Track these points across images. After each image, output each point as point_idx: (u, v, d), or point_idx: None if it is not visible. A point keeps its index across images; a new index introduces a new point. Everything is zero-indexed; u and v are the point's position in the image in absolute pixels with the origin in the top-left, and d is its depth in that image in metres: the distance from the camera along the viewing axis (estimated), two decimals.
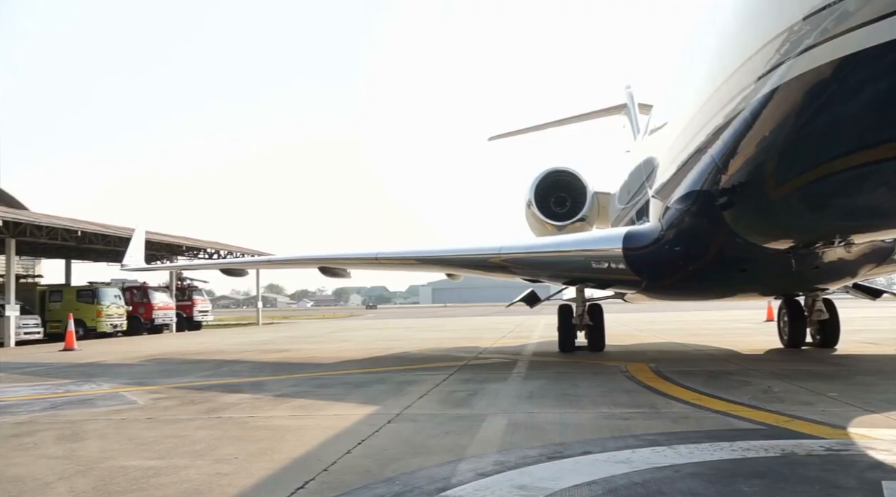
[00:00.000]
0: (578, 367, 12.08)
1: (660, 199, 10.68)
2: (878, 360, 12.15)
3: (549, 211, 19.53)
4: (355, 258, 16.47)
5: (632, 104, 22.43)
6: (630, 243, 11.48)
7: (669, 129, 10.39)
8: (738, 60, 6.20)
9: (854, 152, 5.33)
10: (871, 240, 9.47)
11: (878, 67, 4.25)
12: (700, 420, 6.63)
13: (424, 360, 14.73)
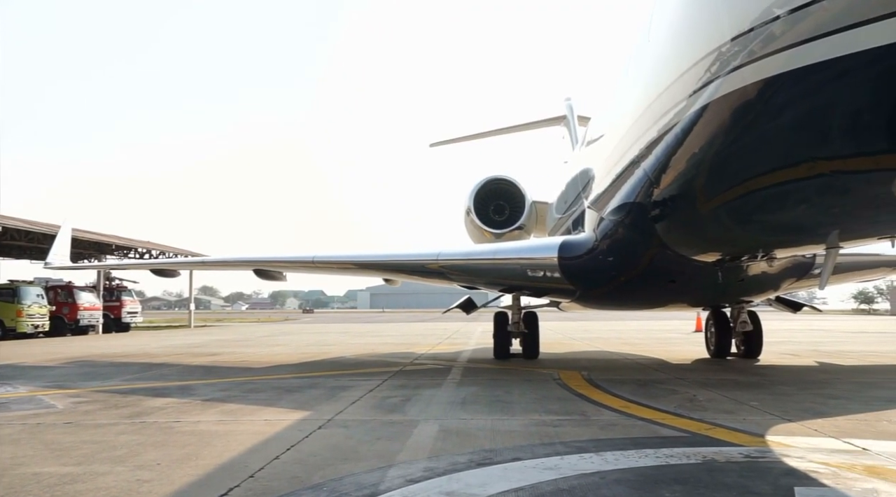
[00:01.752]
0: (512, 374, 12.19)
1: (595, 209, 10.89)
2: (797, 371, 12.65)
3: (488, 218, 19.69)
4: (291, 261, 16.23)
5: (571, 116, 22.85)
6: (565, 252, 11.67)
7: (605, 141, 10.61)
8: (670, 77, 6.38)
9: (776, 170, 5.55)
10: (793, 254, 9.86)
11: (799, 90, 4.43)
12: (627, 427, 6.76)
13: (359, 365, 14.62)
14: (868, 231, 6.86)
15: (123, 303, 39.06)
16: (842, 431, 6.40)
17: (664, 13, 6.92)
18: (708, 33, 5.35)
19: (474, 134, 27.39)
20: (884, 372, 12.33)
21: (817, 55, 4.01)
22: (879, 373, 12.18)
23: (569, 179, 14.67)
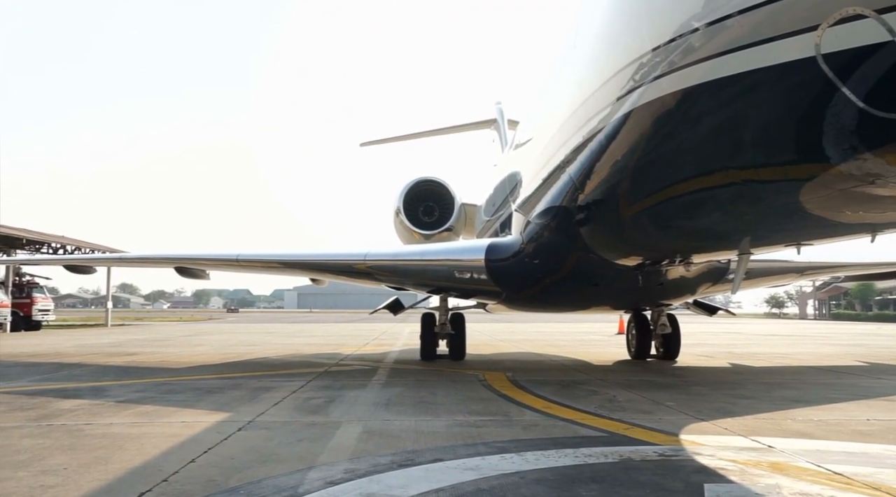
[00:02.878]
0: (438, 375, 12.21)
1: (522, 213, 11.04)
2: (711, 372, 13.13)
3: (417, 220, 19.71)
4: (214, 259, 15.83)
5: (501, 119, 23.12)
6: (492, 255, 11.78)
7: (532, 145, 10.78)
8: (594, 84, 6.53)
9: (693, 178, 5.74)
10: (708, 260, 10.24)
11: (713, 101, 4.60)
12: (548, 428, 6.87)
13: (283, 366, 14.37)
14: (777, 238, 7.18)
15: (34, 300, 37.22)
16: (750, 430, 6.67)
17: (590, 20, 7.07)
18: (631, 42, 5.50)
19: (405, 135, 27.38)
20: (791, 373, 12.94)
21: (730, 68, 4.17)
22: (787, 374, 12.77)
23: (497, 182, 14.84)
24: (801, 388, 10.40)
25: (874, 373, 13.02)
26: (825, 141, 4.02)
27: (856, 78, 3.33)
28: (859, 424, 7.13)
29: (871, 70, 3.24)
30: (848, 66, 3.31)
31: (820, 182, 4.43)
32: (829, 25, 3.17)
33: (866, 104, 3.33)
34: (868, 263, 15.70)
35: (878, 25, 2.94)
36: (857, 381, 11.63)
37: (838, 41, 3.22)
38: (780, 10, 3.58)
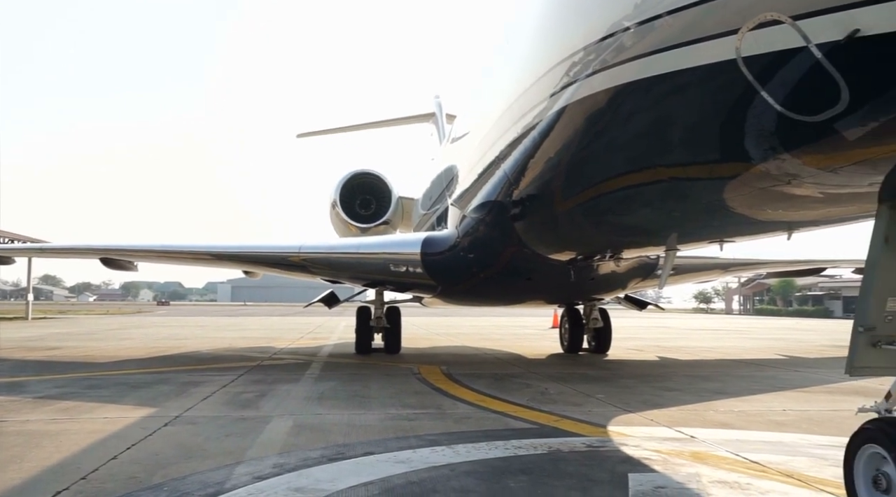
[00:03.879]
0: (373, 368, 12.17)
1: (458, 207, 11.08)
2: (640, 365, 13.49)
3: (354, 212, 19.57)
4: (142, 250, 15.35)
5: (440, 113, 23.15)
6: (428, 248, 11.79)
7: (469, 140, 10.83)
8: (528, 80, 6.60)
9: (623, 175, 5.86)
10: (638, 255, 10.49)
11: (643, 99, 4.70)
12: (480, 420, 6.94)
13: (214, 360, 14.07)
14: (702, 235, 7.41)
15: None
16: (674, 421, 6.88)
17: (525, 15, 7.13)
18: (564, 39, 5.57)
19: (343, 127, 27.10)
20: (715, 366, 13.39)
21: (659, 68, 4.27)
22: (711, 367, 13.22)
23: (434, 176, 14.85)
24: (724, 381, 10.78)
25: (792, 366, 13.60)
26: (747, 141, 4.17)
27: (773, 81, 3.45)
28: (776, 415, 7.44)
29: (787, 74, 3.37)
30: (766, 70, 3.43)
31: (742, 181, 4.58)
32: (749, 29, 3.28)
33: (783, 107, 3.46)
34: (788, 261, 16.37)
35: (794, 31, 3.05)
36: (776, 373, 12.13)
37: (757, 45, 3.33)
38: (705, 12, 3.68)
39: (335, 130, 29.80)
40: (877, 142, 3.33)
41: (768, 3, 3.19)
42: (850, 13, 2.84)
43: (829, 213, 5.11)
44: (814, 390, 9.63)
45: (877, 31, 2.79)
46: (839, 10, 2.88)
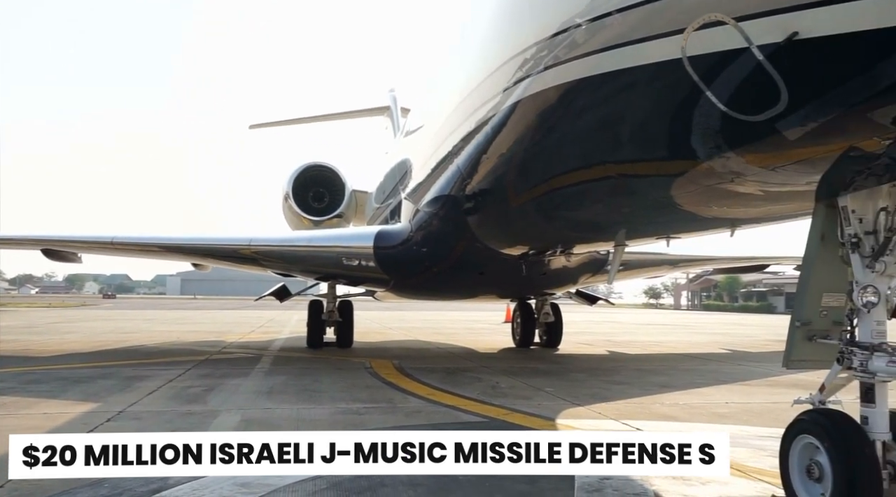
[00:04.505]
0: (324, 363, 12.09)
1: (411, 201, 11.06)
2: (590, 359, 13.69)
3: (307, 205, 19.37)
4: (87, 241, 14.91)
5: (395, 107, 23.04)
6: (381, 242, 11.75)
7: (422, 134, 10.81)
8: (482, 75, 6.61)
9: (574, 171, 5.93)
10: (589, 251, 10.63)
11: (594, 96, 4.76)
12: (431, 414, 6.96)
13: (162, 354, 13.79)
14: (649, 231, 7.56)
15: None
16: (621, 414, 7.01)
17: (480, 10, 7.14)
18: (517, 34, 5.59)
19: (296, 118, 26.79)
20: (662, 360, 13.68)
21: (609, 65, 4.32)
22: (659, 361, 13.50)
23: (388, 170, 14.79)
24: (670, 374, 11.02)
25: (735, 360, 13.97)
26: (693, 139, 4.25)
27: (717, 81, 3.53)
28: (718, 407, 7.64)
29: (731, 74, 3.45)
30: (710, 70, 3.51)
31: (688, 178, 4.68)
32: (695, 29, 3.34)
33: (727, 106, 3.54)
34: (733, 258, 16.81)
35: (736, 33, 3.12)
36: (719, 367, 12.45)
37: (702, 45, 3.40)
38: (653, 11, 3.74)
39: (288, 122, 29.42)
40: (814, 142, 3.44)
41: (712, 3, 3.25)
42: (790, 16, 2.91)
43: (771, 210, 5.26)
44: (755, 383, 9.91)
45: (814, 35, 2.87)
46: (779, 12, 2.96)
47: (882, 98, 2.94)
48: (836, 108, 3.15)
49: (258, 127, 29.49)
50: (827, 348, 3.72)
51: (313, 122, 29.34)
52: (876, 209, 3.54)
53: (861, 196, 3.56)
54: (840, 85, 3.06)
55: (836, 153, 3.44)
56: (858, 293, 3.52)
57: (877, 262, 3.47)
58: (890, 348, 3.42)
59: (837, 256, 3.70)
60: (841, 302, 3.72)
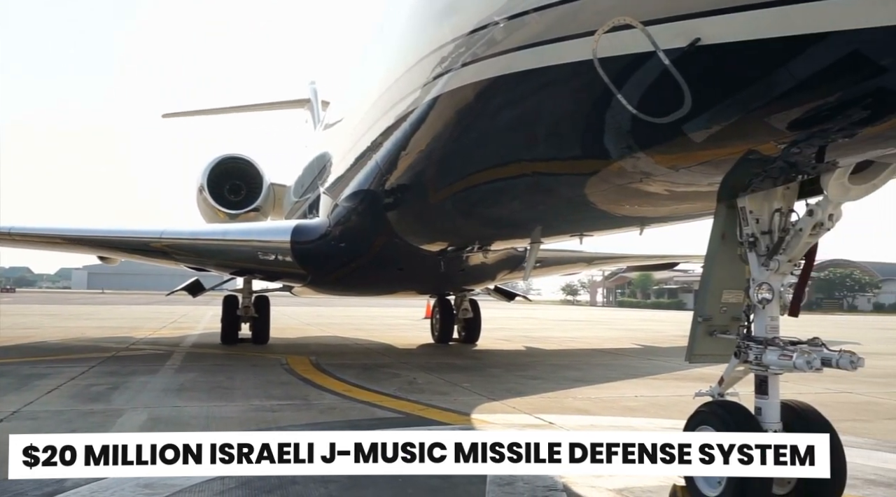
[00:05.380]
0: (238, 359, 11.82)
1: (330, 195, 10.93)
2: (507, 355, 13.89)
3: (223, 198, 18.89)
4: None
5: (315, 100, 22.72)
6: (298, 236, 11.56)
7: (342, 127, 10.69)
8: (400, 70, 6.59)
9: (492, 168, 5.98)
10: (506, 247, 10.76)
11: (510, 94, 4.80)
12: (346, 410, 6.90)
13: (64, 350, 13.14)
14: (564, 228, 7.71)
15: None
16: (535, 408, 7.13)
17: (400, 3, 7.10)
18: (435, 30, 5.58)
19: (213, 109, 26.04)
20: (577, 355, 14.01)
21: (525, 64, 4.37)
22: (573, 356, 13.82)
23: (307, 164, 14.56)
24: (584, 369, 11.30)
25: (646, 355, 14.46)
26: (606, 139, 4.36)
27: (626, 83, 3.62)
28: (629, 400, 7.89)
29: (638, 77, 3.54)
30: (619, 72, 3.59)
31: (601, 177, 4.79)
32: (605, 32, 3.42)
33: (635, 108, 3.63)
34: (645, 255, 17.38)
35: (644, 37, 3.21)
36: (631, 362, 12.86)
37: (612, 48, 3.48)
38: (568, 12, 3.80)
39: (204, 112, 28.59)
40: (716, 145, 3.57)
41: (621, 7, 3.33)
42: (692, 22, 3.01)
43: (678, 210, 5.45)
44: (663, 377, 10.28)
45: (715, 41, 2.98)
46: (683, 18, 3.06)
47: (778, 104, 3.08)
48: (736, 112, 3.28)
49: (172, 116, 28.55)
50: (726, 343, 3.88)
51: (231, 112, 28.63)
52: (771, 210, 3.71)
53: (758, 197, 3.73)
54: (739, 90, 3.19)
55: (737, 156, 3.58)
56: (754, 290, 3.68)
57: (771, 260, 3.65)
58: (781, 342, 3.60)
59: (737, 255, 3.87)
60: (739, 298, 3.89)
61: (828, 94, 2.90)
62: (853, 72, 2.74)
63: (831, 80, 2.84)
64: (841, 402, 7.93)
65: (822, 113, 2.97)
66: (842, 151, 3.21)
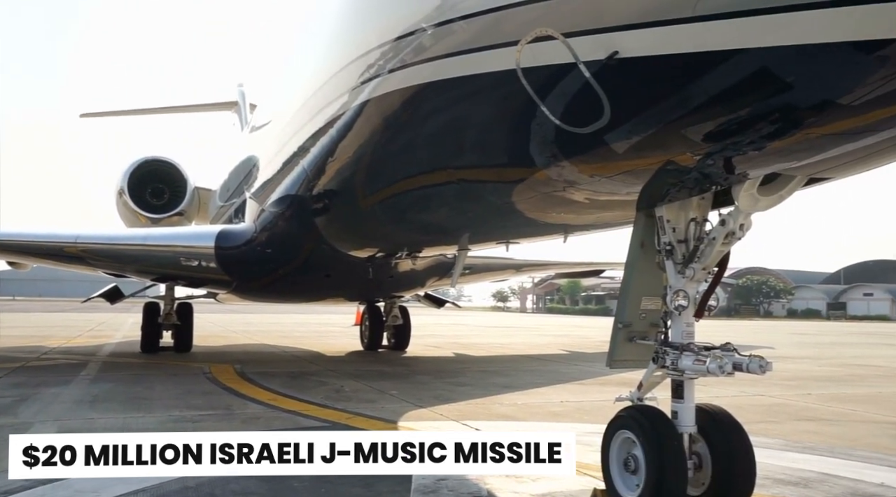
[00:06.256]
0: (159, 368, 11.43)
1: (256, 200, 10.71)
2: (436, 362, 13.90)
3: (144, 202, 18.28)
4: None
5: (243, 102, 22.30)
6: (223, 242, 11.28)
7: (269, 130, 10.51)
8: (327, 74, 6.51)
9: (419, 175, 5.97)
10: (435, 254, 10.77)
11: (437, 101, 4.80)
12: (270, 420, 6.75)
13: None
14: (491, 235, 7.78)
15: None
16: (462, 414, 7.15)
17: (327, 7, 7.03)
18: (363, 35, 5.54)
19: (136, 109, 25.23)
20: (505, 361, 14.15)
21: (452, 71, 4.38)
22: (502, 362, 13.94)
23: (233, 168, 14.25)
24: (512, 375, 11.40)
25: (573, 360, 14.71)
26: (531, 148, 4.40)
27: (548, 93, 3.67)
28: (554, 406, 8.00)
29: (560, 88, 3.60)
30: (542, 83, 3.64)
31: (527, 185, 4.84)
32: (527, 42, 3.46)
33: (557, 118, 3.68)
34: (573, 262, 17.68)
35: (564, 48, 3.27)
36: (558, 367, 13.05)
37: (534, 58, 3.52)
38: (493, 21, 3.83)
39: (127, 113, 27.68)
40: (635, 155, 3.66)
41: (543, 18, 3.38)
42: (610, 36, 3.08)
43: (601, 218, 5.56)
44: (588, 382, 10.47)
45: (632, 55, 3.06)
46: (602, 31, 3.12)
47: (692, 116, 3.18)
48: (653, 124, 3.37)
49: (90, 116, 27.48)
50: (645, 348, 3.98)
51: (155, 113, 27.81)
52: (687, 219, 3.83)
53: (675, 207, 3.85)
54: (655, 103, 3.28)
55: (656, 166, 3.68)
56: (671, 297, 3.79)
57: (687, 268, 3.76)
58: (696, 348, 3.72)
59: (655, 263, 3.97)
60: (658, 305, 3.99)
61: (738, 109, 3.01)
62: (761, 88, 2.85)
63: (741, 96, 2.95)
64: (755, 404, 8.24)
65: (733, 126, 3.08)
66: (751, 164, 3.34)
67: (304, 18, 8.98)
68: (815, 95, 2.80)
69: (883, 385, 11.02)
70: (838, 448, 5.93)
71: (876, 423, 7.21)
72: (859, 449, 5.91)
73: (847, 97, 2.69)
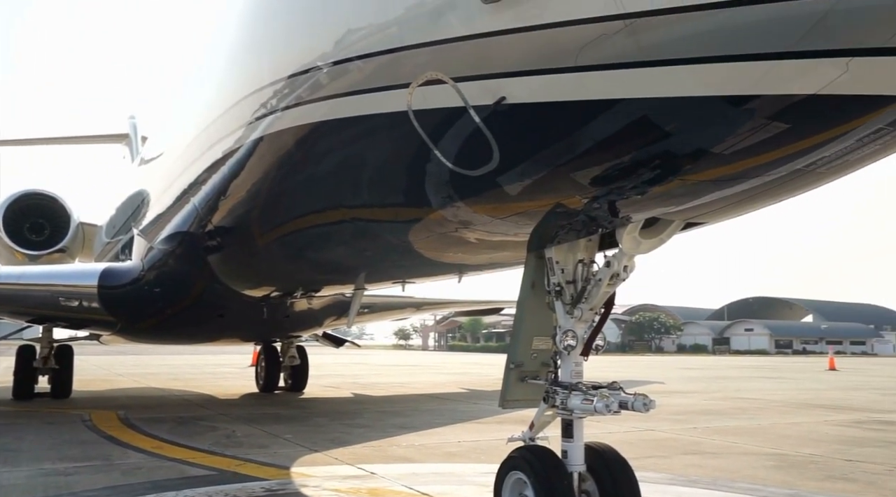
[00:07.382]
0: (31, 417, 10.63)
1: (144, 237, 10.24)
2: (334, 403, 13.61)
3: (22, 238, 17.14)
4: None
5: (134, 135, 21.48)
6: (107, 281, 10.69)
7: (159, 164, 10.13)
8: (220, 109, 6.34)
9: (314, 213, 5.87)
10: (332, 293, 10.60)
11: (332, 140, 4.75)
12: (153, 470, 6.39)
13: None
14: (387, 275, 7.73)
15: None
16: (358, 458, 6.99)
17: (222, 39, 6.89)
18: (257, 70, 5.44)
19: (14, 140, 23.83)
20: (405, 401, 14.00)
21: (347, 111, 4.35)
22: (401, 402, 13.79)
23: (120, 203, 13.61)
24: (411, 415, 11.28)
25: (472, 398, 14.74)
26: (426, 189, 4.41)
27: (439, 136, 3.71)
28: (451, 446, 7.95)
29: (451, 130, 3.64)
30: (434, 125, 3.67)
31: (423, 225, 4.85)
32: (419, 85, 3.50)
33: (448, 160, 3.72)
34: (473, 300, 17.86)
35: (454, 92, 3.32)
36: (457, 406, 13.04)
37: (425, 101, 3.56)
38: (387, 63, 3.84)
39: (7, 143, 26.06)
40: (526, 197, 3.73)
41: (433, 62, 3.42)
42: (498, 82, 3.16)
43: (494, 258, 5.63)
44: (486, 421, 10.49)
45: (518, 101, 3.14)
46: (489, 77, 3.19)
47: (577, 161, 3.28)
48: (540, 168, 3.45)
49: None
50: (537, 388, 4.01)
51: (40, 144, 26.32)
52: (575, 261, 3.93)
53: (563, 248, 3.94)
54: (542, 148, 3.36)
55: (546, 208, 3.77)
56: (560, 337, 3.86)
57: (575, 308, 3.85)
58: (584, 387, 3.79)
59: (545, 303, 4.04)
60: (548, 345, 4.05)
61: (620, 155, 3.13)
62: (640, 136, 2.98)
63: (621, 143, 3.07)
64: (645, 439, 8.49)
65: (616, 172, 3.19)
66: (633, 207, 3.47)
67: (199, 51, 8.77)
68: (689, 144, 2.95)
69: (761, 416, 11.61)
70: (720, 480, 6.17)
71: (754, 455, 7.56)
72: (739, 480, 6.16)
73: (718, 147, 2.85)
